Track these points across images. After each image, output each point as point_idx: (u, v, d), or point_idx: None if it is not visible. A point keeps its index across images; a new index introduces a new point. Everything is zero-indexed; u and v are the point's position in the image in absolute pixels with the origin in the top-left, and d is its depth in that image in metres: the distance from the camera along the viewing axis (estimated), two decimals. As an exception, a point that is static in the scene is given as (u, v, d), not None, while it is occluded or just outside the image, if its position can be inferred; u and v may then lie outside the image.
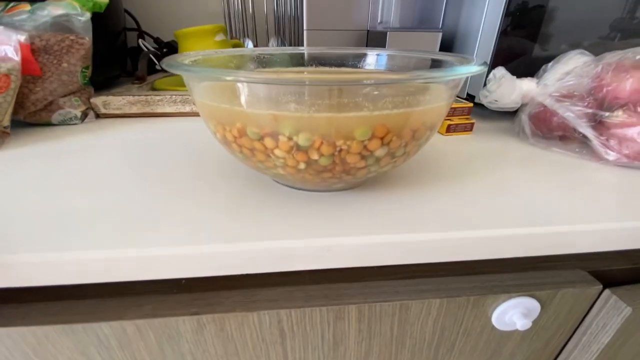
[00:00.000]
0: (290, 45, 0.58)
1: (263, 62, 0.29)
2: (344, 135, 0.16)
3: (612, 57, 0.28)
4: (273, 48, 0.28)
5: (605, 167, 0.27)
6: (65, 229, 0.18)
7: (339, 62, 0.30)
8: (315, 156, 0.17)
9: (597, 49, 0.33)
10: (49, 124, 0.37)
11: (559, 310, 0.24)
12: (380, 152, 0.17)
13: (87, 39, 0.35)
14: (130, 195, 0.22)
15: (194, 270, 0.17)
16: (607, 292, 0.24)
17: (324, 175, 0.18)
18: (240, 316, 0.20)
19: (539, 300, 0.23)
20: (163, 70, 0.54)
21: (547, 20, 0.35)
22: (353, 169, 0.18)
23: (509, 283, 0.23)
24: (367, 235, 0.18)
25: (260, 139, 0.17)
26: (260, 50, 0.29)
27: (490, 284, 0.23)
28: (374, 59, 0.28)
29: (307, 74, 0.29)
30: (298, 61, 0.30)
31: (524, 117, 0.33)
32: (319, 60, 0.30)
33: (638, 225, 0.20)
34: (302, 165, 0.17)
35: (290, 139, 0.16)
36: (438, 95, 0.17)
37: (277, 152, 0.17)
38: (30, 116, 0.35)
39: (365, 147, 0.16)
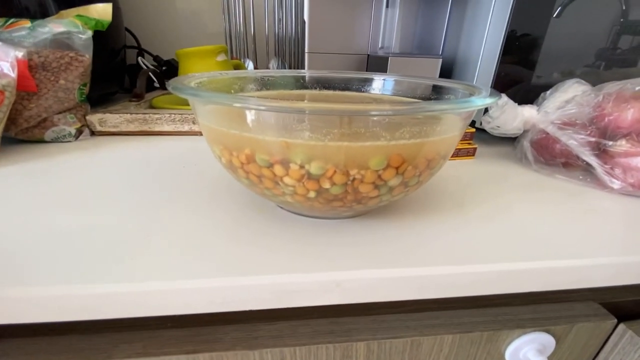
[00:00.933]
0: (290, 66, 0.58)
1: (267, 85, 0.29)
2: (359, 164, 0.15)
3: (611, 87, 0.29)
4: (277, 70, 0.28)
5: (611, 195, 0.27)
6: (47, 258, 0.17)
7: (343, 86, 0.30)
8: (327, 185, 0.16)
9: (586, 77, 0.34)
10: (41, 141, 0.35)
11: (574, 345, 0.23)
12: (394, 181, 0.16)
13: (87, 57, 0.35)
14: (123, 220, 0.21)
15: (191, 307, 0.16)
16: (622, 326, 0.23)
17: (334, 204, 0.17)
18: (240, 355, 0.19)
19: (553, 335, 0.22)
20: (161, 88, 0.54)
21: (545, 49, 0.36)
22: (365, 198, 0.17)
23: (522, 317, 0.22)
24: (379, 269, 0.17)
25: (270, 166, 0.16)
26: (263, 72, 0.29)
27: (503, 317, 0.22)
28: (379, 84, 0.28)
29: (325, 102, 0.29)
30: (302, 84, 0.30)
31: (525, 143, 0.33)
32: (322, 84, 0.30)
33: (654, 258, 0.19)
34: (312, 194, 0.17)
35: (302, 167, 0.15)
36: (453, 125, 0.17)
37: (286, 179, 0.16)
38: (22, 133, 0.34)
39: (379, 176, 0.16)
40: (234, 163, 0.17)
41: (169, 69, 0.60)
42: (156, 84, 0.53)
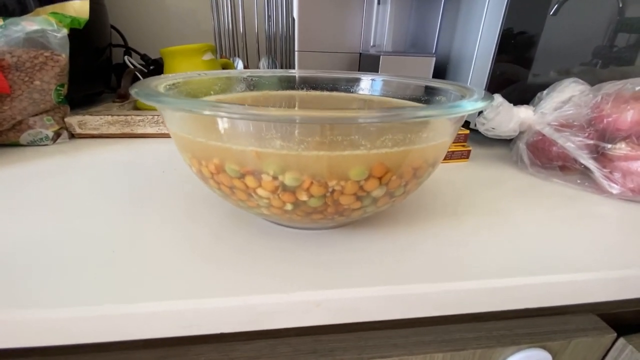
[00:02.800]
0: (281, 65, 0.57)
1: (251, 85, 0.28)
2: (338, 175, 0.14)
3: (610, 87, 0.28)
4: (262, 70, 0.26)
5: (609, 200, 0.26)
6: (11, 277, 0.15)
7: (331, 86, 0.29)
8: (304, 197, 0.15)
9: (583, 76, 0.33)
10: (16, 145, 0.34)
11: (571, 360, 0.22)
12: (377, 192, 0.15)
13: (64, 56, 0.33)
14: (89, 232, 0.19)
15: (158, 331, 0.15)
16: (621, 340, 0.22)
17: (314, 216, 0.16)
18: (214, 378, 0.18)
19: (550, 351, 0.20)
20: (148, 88, 0.52)
21: (541, 47, 0.34)
22: (347, 210, 0.16)
23: (517, 332, 0.21)
24: (362, 287, 0.15)
25: (241, 177, 0.14)
26: (248, 72, 0.28)
27: (497, 333, 0.21)
28: (368, 84, 0.27)
29: (298, 103, 0.28)
30: (288, 84, 0.29)
31: (521, 145, 0.32)
32: (310, 84, 0.29)
33: (656, 271, 0.18)
34: (289, 207, 0.15)
35: (275, 178, 0.14)
36: (443, 130, 0.15)
37: (260, 191, 0.15)
38: (-5, 136, 0.32)
39: (361, 187, 0.14)
40: (204, 173, 0.16)
41: (156, 68, 0.58)
42: (142, 84, 0.51)
